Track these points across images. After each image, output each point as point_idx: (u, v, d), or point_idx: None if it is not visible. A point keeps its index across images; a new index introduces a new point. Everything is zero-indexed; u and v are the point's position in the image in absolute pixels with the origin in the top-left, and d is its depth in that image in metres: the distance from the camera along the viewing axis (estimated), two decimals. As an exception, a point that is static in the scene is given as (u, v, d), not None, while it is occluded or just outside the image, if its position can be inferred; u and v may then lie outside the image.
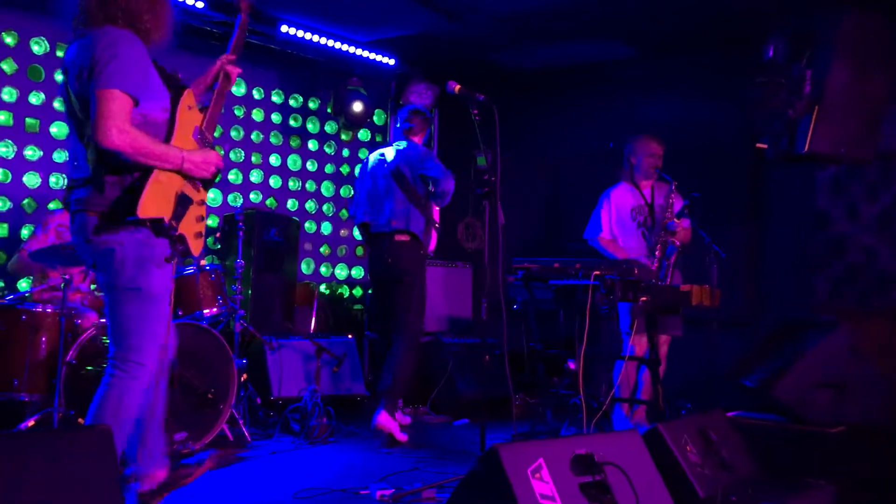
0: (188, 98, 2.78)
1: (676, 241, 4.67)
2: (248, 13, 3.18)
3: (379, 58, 6.58)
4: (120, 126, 2.48)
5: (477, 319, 6.54)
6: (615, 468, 2.48)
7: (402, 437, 4.59)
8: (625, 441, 2.69)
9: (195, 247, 2.69)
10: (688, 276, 4.83)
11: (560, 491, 2.38)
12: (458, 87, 3.99)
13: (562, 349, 5.01)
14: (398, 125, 5.03)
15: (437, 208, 5.00)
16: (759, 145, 4.29)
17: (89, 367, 3.94)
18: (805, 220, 5.73)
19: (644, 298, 4.07)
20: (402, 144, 4.88)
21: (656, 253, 4.64)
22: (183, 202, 2.64)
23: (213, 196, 5.91)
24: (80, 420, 3.82)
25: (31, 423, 3.85)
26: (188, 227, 2.66)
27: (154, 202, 2.56)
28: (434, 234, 5.05)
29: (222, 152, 6.21)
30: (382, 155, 4.96)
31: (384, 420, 4.53)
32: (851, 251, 5.56)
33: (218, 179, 2.84)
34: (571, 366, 4.91)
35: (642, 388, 4.72)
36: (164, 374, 2.90)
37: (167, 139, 2.67)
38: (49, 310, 4.05)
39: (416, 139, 4.95)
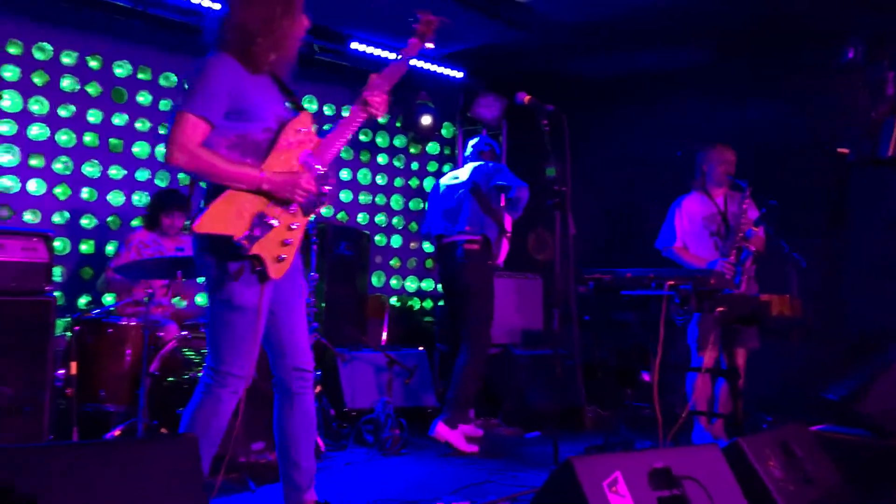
0: (301, 121, 2.77)
1: (751, 247, 4.54)
2: (417, 50, 3.12)
3: (447, 71, 6.63)
4: (181, 145, 2.54)
5: (548, 331, 6.49)
6: (694, 483, 2.43)
7: (467, 447, 4.59)
8: (704, 455, 2.63)
9: (274, 270, 2.62)
10: (766, 286, 4.69)
11: (637, 505, 2.34)
12: (527, 97, 4.00)
13: (635, 361, 4.92)
14: (471, 150, 5.17)
15: (511, 219, 5.03)
16: (840, 150, 4.16)
17: (171, 379, 4.06)
18: (889, 227, 5.50)
19: (721, 308, 3.97)
20: (478, 163, 4.99)
21: (730, 258, 4.52)
22: (261, 223, 2.60)
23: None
24: (162, 430, 3.94)
25: (116, 432, 3.99)
26: (268, 250, 2.61)
27: (218, 219, 2.56)
28: (505, 244, 5.07)
29: (348, 175, 6.36)
30: (457, 177, 5.07)
31: (441, 430, 4.58)
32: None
33: (323, 210, 2.74)
34: (646, 378, 4.81)
35: (720, 401, 4.60)
36: (301, 393, 2.86)
37: (263, 159, 2.66)
38: (133, 323, 4.20)
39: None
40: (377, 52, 6.11)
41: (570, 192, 4.07)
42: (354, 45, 5.98)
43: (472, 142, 5.25)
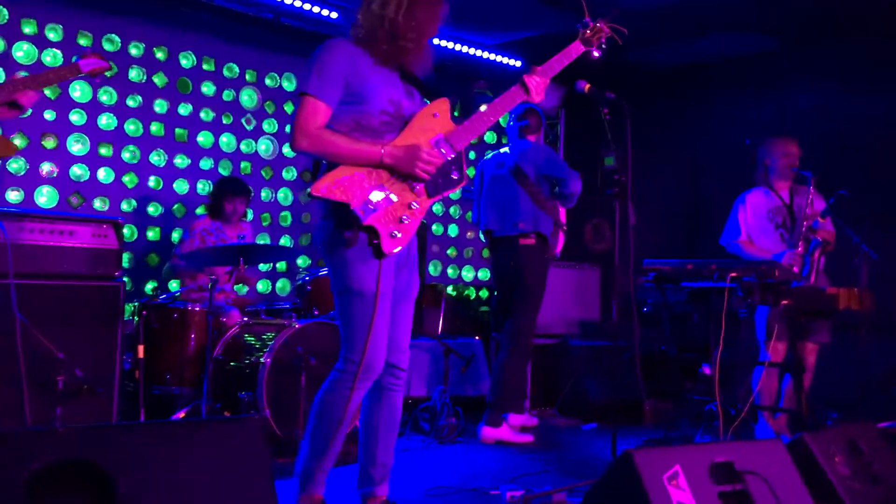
0: (437, 106, 2.76)
1: (819, 237, 4.40)
2: (578, 54, 3.09)
3: (505, 60, 6.60)
4: (304, 130, 2.56)
5: (606, 321, 6.43)
6: (757, 478, 2.38)
7: (520, 438, 4.58)
8: (767, 450, 2.58)
9: (389, 245, 2.58)
10: (836, 279, 4.55)
11: (698, 499, 2.30)
12: (587, 86, 3.94)
13: (696, 353, 4.84)
14: (511, 123, 4.93)
15: (563, 209, 4.94)
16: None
17: (233, 363, 4.16)
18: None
19: (785, 301, 3.87)
20: (521, 144, 4.84)
21: (798, 248, 4.38)
22: (383, 195, 2.59)
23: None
24: (225, 412, 4.03)
25: (181, 414, 4.11)
26: (383, 223, 2.58)
27: (337, 185, 2.55)
28: (561, 236, 5.00)
29: (471, 170, 6.26)
30: (499, 157, 4.91)
31: (487, 433, 4.56)
32: None
33: (452, 194, 2.74)
34: (707, 371, 4.73)
35: (784, 397, 4.49)
36: (391, 390, 2.81)
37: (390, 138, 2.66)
38: (197, 308, 4.30)
39: (533, 137, 4.86)
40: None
41: (632, 181, 4.01)
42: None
43: (514, 116, 4.90)
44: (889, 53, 5.22)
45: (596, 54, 3.06)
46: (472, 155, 7.08)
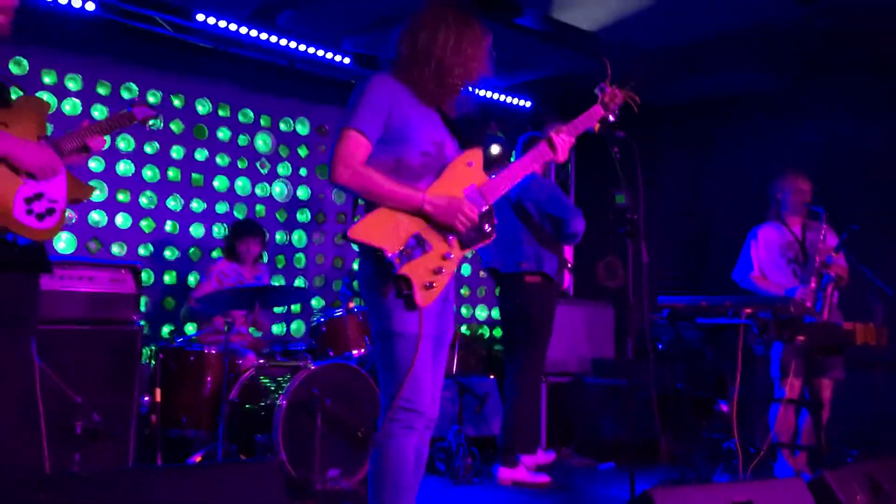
0: (472, 156, 2.68)
1: (832, 272, 4.39)
2: (598, 118, 3.05)
3: (516, 101, 6.69)
4: (345, 163, 2.50)
5: (620, 359, 6.41)
6: (778, 517, 2.37)
7: (536, 479, 4.53)
8: (788, 489, 2.56)
9: (421, 297, 2.48)
10: (850, 314, 4.54)
11: (719, 539, 2.29)
12: (597, 125, 3.98)
13: (711, 391, 4.81)
14: (514, 157, 4.95)
15: (569, 247, 4.91)
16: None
17: (249, 406, 4.17)
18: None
19: (801, 337, 3.86)
20: (524, 177, 4.79)
21: (811, 284, 4.38)
22: (417, 245, 2.52)
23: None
24: (241, 455, 4.03)
25: (197, 458, 4.11)
26: (418, 273, 2.49)
27: (373, 230, 2.49)
28: (567, 275, 4.97)
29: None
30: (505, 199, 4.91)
31: (504, 475, 4.53)
32: None
33: (482, 237, 2.63)
34: (724, 408, 4.70)
35: (803, 434, 4.45)
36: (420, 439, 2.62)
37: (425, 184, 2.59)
38: (213, 351, 4.32)
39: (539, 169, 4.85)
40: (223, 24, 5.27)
41: (643, 219, 4.03)
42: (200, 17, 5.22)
43: (519, 146, 4.90)
44: (886, 85, 5.27)
45: (611, 118, 3.09)
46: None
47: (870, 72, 5.61)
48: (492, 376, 5.74)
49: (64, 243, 5.04)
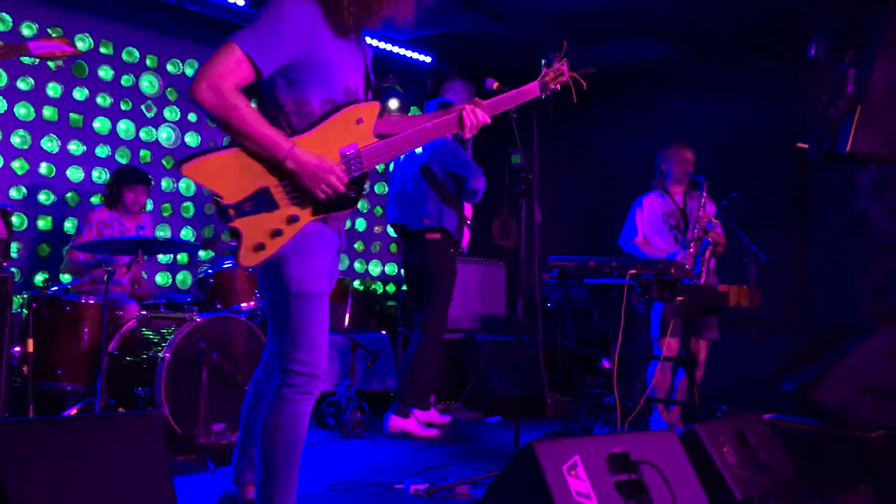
0: (365, 110, 2.35)
1: (710, 238, 4.64)
2: (531, 97, 2.75)
3: (416, 55, 6.61)
4: (213, 81, 2.11)
5: (511, 317, 6.54)
6: (651, 467, 2.48)
7: (425, 432, 4.63)
8: (661, 441, 2.68)
9: (246, 257, 2.21)
10: (725, 278, 4.79)
11: (596, 489, 2.38)
12: (495, 84, 4.00)
13: (596, 348, 4.98)
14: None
15: (469, 205, 4.99)
16: (799, 145, 4.24)
17: (129, 358, 4.02)
18: (846, 222, 5.63)
19: (681, 298, 4.04)
20: (433, 141, 4.88)
21: (690, 248, 4.60)
22: (263, 199, 2.21)
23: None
24: (120, 409, 3.90)
25: (73, 411, 3.94)
26: (251, 232, 2.21)
27: (215, 171, 2.17)
28: (467, 232, 5.06)
29: (383, 190, 5.94)
30: (412, 153, 4.94)
31: (395, 423, 4.61)
32: (893, 255, 5.46)
33: (346, 204, 2.35)
34: (606, 365, 4.88)
35: (678, 390, 4.69)
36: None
37: (300, 133, 2.27)
38: (92, 301, 4.14)
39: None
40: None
41: (540, 180, 4.09)
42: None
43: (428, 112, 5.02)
44: (775, 66, 5.50)
45: (542, 97, 2.80)
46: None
47: (755, 51, 5.84)
48: (384, 332, 5.75)
49: (-75, 183, 4.67)
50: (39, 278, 5.08)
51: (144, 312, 4.20)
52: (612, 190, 6.55)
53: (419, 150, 4.80)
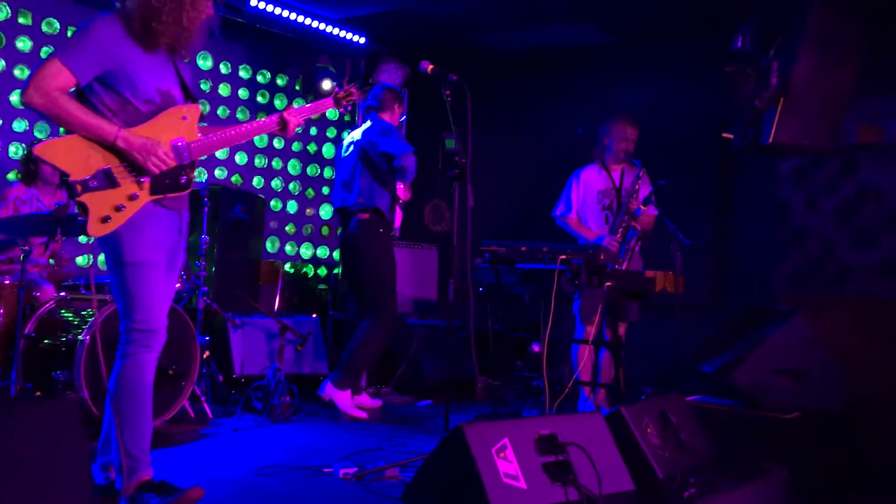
0: (189, 111, 2.76)
1: (638, 226, 4.71)
2: (326, 109, 3.27)
3: (349, 36, 6.53)
4: (39, 87, 2.50)
5: (443, 301, 6.55)
6: (578, 448, 2.52)
7: (354, 412, 4.66)
8: (587, 422, 2.73)
9: (94, 228, 2.59)
10: (651, 262, 4.88)
11: (524, 470, 2.40)
12: (430, 66, 3.98)
13: (527, 332, 5.03)
14: (364, 103, 4.99)
15: (403, 186, 4.98)
16: (724, 135, 4.35)
17: (47, 341, 3.88)
18: (767, 210, 5.83)
19: (609, 283, 4.11)
20: (368, 123, 4.88)
21: (617, 235, 4.68)
22: (106, 177, 2.58)
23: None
24: (37, 393, 3.76)
25: (-14, 396, 3.78)
26: (96, 205, 2.58)
27: (62, 152, 2.56)
28: (399, 213, 5.05)
29: (205, 176, 5.98)
30: (351, 142, 4.96)
31: (328, 390, 4.67)
32: (811, 242, 5.67)
33: (179, 186, 2.73)
34: (536, 349, 4.94)
35: (603, 372, 4.78)
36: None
37: (131, 127, 2.65)
38: (7, 281, 3.97)
39: (386, 116, 4.90)
40: (277, 10, 5.95)
41: (473, 164, 4.09)
42: (254, 2, 5.80)
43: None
44: (707, 54, 5.63)
45: (341, 110, 3.33)
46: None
47: (683, 38, 5.96)
48: (314, 315, 5.69)
49: None
50: (-50, 258, 4.85)
51: (63, 294, 4.06)
52: (545, 172, 6.61)
53: (357, 136, 4.83)
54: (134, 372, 2.70)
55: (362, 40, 6.61)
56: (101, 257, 5.57)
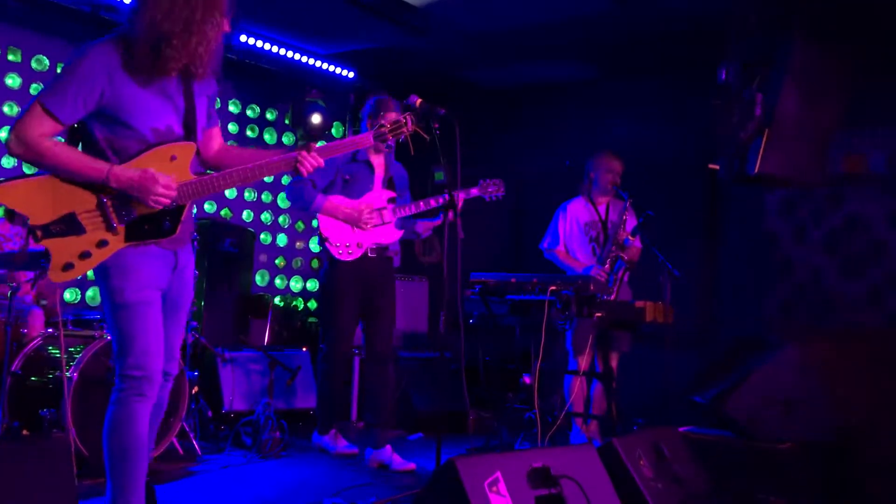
0: (180, 150, 2.49)
1: (625, 257, 4.74)
2: (366, 145, 2.94)
3: (338, 70, 6.58)
4: (20, 135, 2.34)
5: (433, 333, 6.53)
6: (571, 481, 2.50)
7: (346, 451, 4.52)
8: (580, 455, 2.72)
9: (55, 275, 2.39)
10: (640, 293, 4.90)
11: (517, 504, 2.39)
12: (419, 100, 4.00)
13: (518, 364, 5.02)
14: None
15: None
16: (711, 166, 4.40)
17: (34, 378, 3.84)
18: (755, 241, 5.87)
19: (599, 314, 4.11)
20: None
21: (605, 266, 4.70)
22: (69, 224, 2.38)
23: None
24: (24, 432, 3.71)
25: (-29, 434, 3.73)
26: (59, 252, 2.38)
27: (24, 194, 2.37)
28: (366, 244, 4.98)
29: (194, 210, 5.81)
30: None
31: (314, 439, 4.58)
32: (799, 272, 5.71)
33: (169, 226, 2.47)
34: (527, 380, 4.93)
35: (595, 403, 4.77)
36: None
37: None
38: (-7, 318, 3.93)
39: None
40: (266, 46, 6.00)
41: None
42: (243, 38, 5.84)
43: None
44: (692, 87, 5.72)
45: (383, 147, 2.97)
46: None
47: (667, 72, 6.05)
48: (305, 349, 5.66)
49: None
50: (-64, 294, 4.81)
51: (51, 330, 4.02)
52: (531, 206, 6.65)
53: None
54: (126, 424, 2.47)
55: (351, 75, 6.67)
56: (90, 292, 5.56)
